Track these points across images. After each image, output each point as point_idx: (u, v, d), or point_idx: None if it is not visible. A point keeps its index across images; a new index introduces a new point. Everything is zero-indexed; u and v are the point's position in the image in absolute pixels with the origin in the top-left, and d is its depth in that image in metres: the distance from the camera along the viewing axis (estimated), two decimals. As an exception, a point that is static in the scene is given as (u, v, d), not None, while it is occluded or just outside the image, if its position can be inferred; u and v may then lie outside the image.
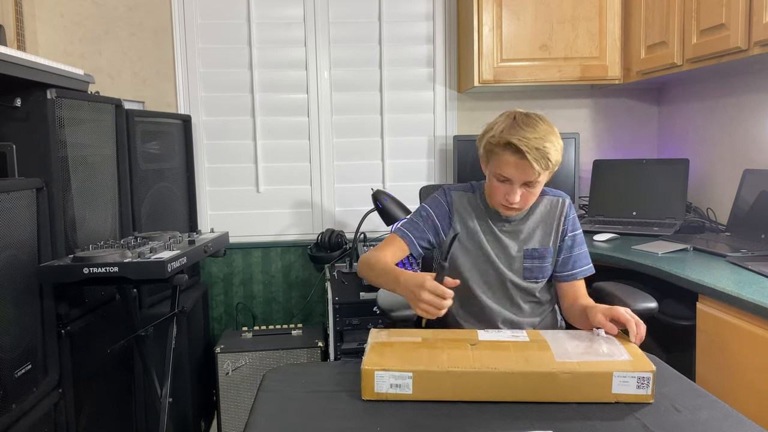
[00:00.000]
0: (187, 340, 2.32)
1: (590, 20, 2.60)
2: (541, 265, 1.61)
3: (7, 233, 1.48)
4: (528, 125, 1.47)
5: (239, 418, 2.50)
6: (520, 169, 1.47)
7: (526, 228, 1.62)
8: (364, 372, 1.17)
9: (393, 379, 1.17)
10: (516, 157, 1.46)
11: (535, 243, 1.61)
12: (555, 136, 1.49)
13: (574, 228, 1.64)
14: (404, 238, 1.60)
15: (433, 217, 1.63)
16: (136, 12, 2.77)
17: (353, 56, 2.89)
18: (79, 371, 1.78)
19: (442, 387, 1.16)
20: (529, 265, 1.61)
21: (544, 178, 1.52)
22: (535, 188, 1.52)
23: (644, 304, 1.59)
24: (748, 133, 2.37)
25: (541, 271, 1.62)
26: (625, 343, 1.27)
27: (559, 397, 1.15)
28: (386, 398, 1.17)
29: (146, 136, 2.29)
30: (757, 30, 1.81)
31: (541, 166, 1.44)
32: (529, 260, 1.61)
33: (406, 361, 1.20)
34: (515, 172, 1.48)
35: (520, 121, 1.49)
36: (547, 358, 1.20)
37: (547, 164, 1.45)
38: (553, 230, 1.62)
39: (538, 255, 1.61)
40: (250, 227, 2.91)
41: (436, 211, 1.63)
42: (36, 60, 1.63)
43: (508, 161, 1.48)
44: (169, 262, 1.59)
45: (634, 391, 1.14)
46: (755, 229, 2.11)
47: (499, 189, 1.53)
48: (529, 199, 1.54)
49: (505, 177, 1.50)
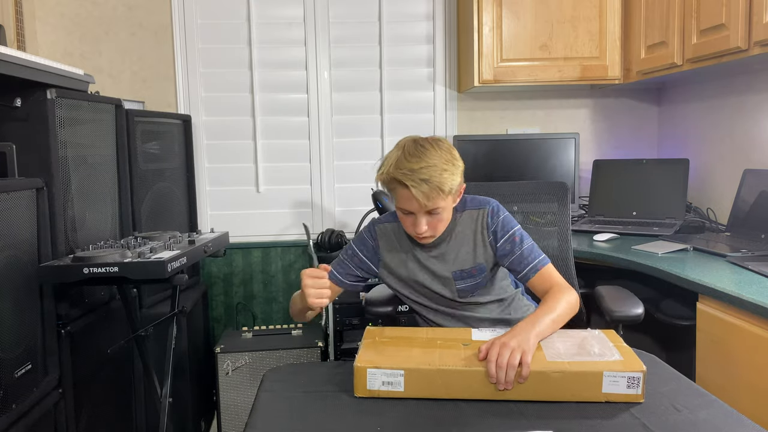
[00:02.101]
0: (187, 340, 2.33)
1: (590, 20, 2.60)
2: (475, 282, 1.56)
3: (7, 233, 1.48)
4: (414, 155, 1.42)
5: (239, 418, 2.50)
6: (413, 201, 1.43)
7: (450, 249, 1.57)
8: (356, 369, 1.19)
9: (385, 377, 1.18)
10: (408, 191, 1.42)
11: (462, 263, 1.56)
12: (446, 160, 1.44)
13: (504, 231, 1.54)
14: (332, 278, 1.58)
15: (358, 254, 1.61)
16: (136, 12, 2.77)
17: (353, 56, 2.89)
18: (79, 371, 1.78)
19: (433, 385, 1.18)
20: (462, 285, 1.57)
21: (449, 203, 1.48)
22: (442, 214, 1.47)
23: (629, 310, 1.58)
24: (748, 133, 2.37)
25: (476, 287, 1.57)
26: (617, 343, 1.28)
27: (550, 396, 1.16)
28: (378, 395, 1.18)
29: (146, 136, 2.29)
30: (757, 30, 1.81)
31: (429, 197, 1.40)
32: (461, 281, 1.56)
33: (398, 359, 1.21)
34: (411, 205, 1.44)
35: (407, 152, 1.44)
36: (538, 357, 1.21)
37: (438, 193, 1.41)
38: (479, 245, 1.56)
39: (468, 275, 1.56)
40: (250, 227, 2.91)
41: (361, 248, 1.62)
42: (36, 60, 1.63)
43: (401, 195, 1.44)
44: (169, 262, 1.58)
45: (624, 390, 1.15)
46: (755, 229, 2.11)
47: (405, 221, 1.50)
48: (439, 226, 1.50)
49: (406, 209, 1.47)
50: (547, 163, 2.78)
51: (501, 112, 2.99)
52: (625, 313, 1.57)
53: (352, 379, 1.20)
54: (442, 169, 1.42)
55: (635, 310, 1.58)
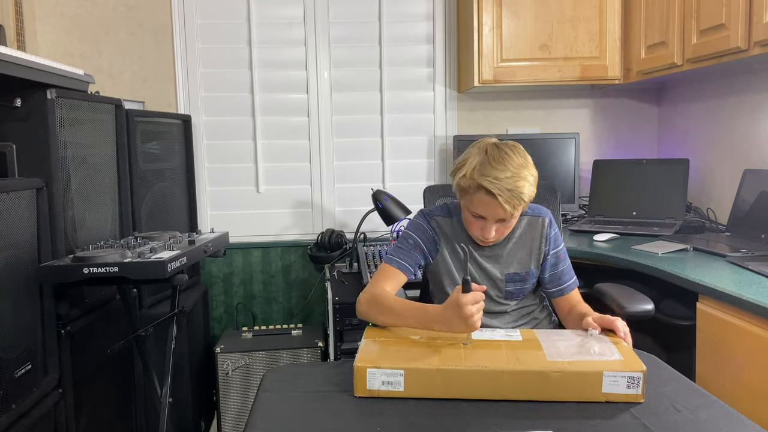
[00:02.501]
0: (187, 340, 2.32)
1: (590, 20, 2.60)
2: (523, 286, 1.62)
3: (7, 233, 1.48)
4: (500, 162, 1.43)
5: (239, 418, 2.50)
6: (493, 208, 1.45)
7: (505, 252, 1.61)
8: (356, 369, 1.19)
9: (385, 377, 1.18)
10: (488, 198, 1.43)
11: (515, 266, 1.61)
12: (528, 169, 1.46)
13: (556, 245, 1.63)
14: (400, 267, 1.56)
15: (420, 244, 1.61)
16: (136, 12, 2.77)
17: (353, 56, 2.89)
18: (79, 371, 1.78)
19: (433, 384, 1.17)
20: (512, 288, 1.61)
21: (519, 212, 1.50)
22: (511, 222, 1.51)
23: (641, 306, 1.59)
24: (748, 133, 2.37)
25: (522, 291, 1.63)
26: (617, 344, 1.28)
27: (550, 396, 1.16)
28: (378, 395, 1.18)
29: (146, 136, 2.29)
30: (757, 30, 1.81)
31: (513, 206, 1.43)
32: (511, 284, 1.61)
33: (398, 359, 1.21)
34: (488, 211, 1.46)
35: (491, 157, 1.44)
36: (538, 357, 1.21)
37: (519, 203, 1.44)
38: (534, 251, 1.61)
39: (520, 278, 1.61)
40: (250, 227, 2.91)
41: (422, 237, 1.61)
42: (36, 60, 1.63)
43: (480, 200, 1.46)
44: (169, 262, 1.59)
45: (624, 390, 1.15)
46: (755, 229, 2.11)
47: (474, 224, 1.52)
48: (505, 232, 1.54)
49: (480, 215, 1.49)
50: (547, 163, 2.78)
51: (501, 112, 2.99)
52: (637, 309, 1.58)
53: (352, 379, 1.20)
54: (525, 179, 1.44)
55: (647, 306, 1.59)
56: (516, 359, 1.20)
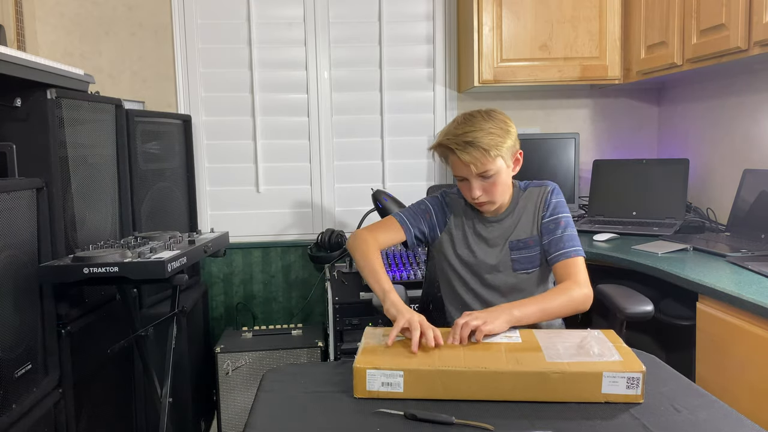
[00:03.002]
0: (187, 340, 2.32)
1: (590, 20, 2.60)
2: (529, 254, 1.62)
3: (7, 233, 1.48)
4: (462, 123, 1.50)
5: (239, 418, 2.50)
6: (462, 165, 1.49)
7: (510, 222, 1.63)
8: (356, 370, 1.18)
9: (384, 378, 1.18)
10: (454, 156, 1.49)
11: (519, 233, 1.62)
12: (493, 122, 1.49)
13: (555, 212, 1.60)
14: (402, 224, 1.63)
15: (431, 211, 1.66)
16: (136, 12, 2.77)
17: (353, 56, 2.89)
18: (79, 371, 1.78)
19: (433, 386, 1.17)
20: (517, 256, 1.62)
21: (500, 167, 1.50)
22: (494, 178, 1.51)
23: (640, 307, 1.59)
24: (748, 133, 2.37)
25: (530, 260, 1.62)
26: (616, 344, 1.28)
27: (549, 397, 1.16)
28: (378, 396, 1.18)
29: (146, 136, 2.29)
30: (757, 30, 1.81)
31: (475, 156, 1.45)
32: (516, 251, 1.62)
33: (398, 360, 1.21)
34: (461, 169, 1.51)
35: (457, 121, 1.52)
36: (537, 358, 1.21)
37: (483, 153, 1.45)
38: (535, 217, 1.62)
39: (524, 245, 1.61)
40: (250, 227, 2.91)
41: (435, 208, 1.67)
42: (36, 60, 1.63)
43: (452, 162, 1.53)
44: (169, 262, 1.59)
45: (624, 391, 1.15)
46: (755, 229, 2.11)
47: (463, 188, 1.57)
48: (495, 191, 1.53)
49: (460, 175, 1.53)
50: (547, 163, 2.78)
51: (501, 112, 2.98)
52: (636, 310, 1.57)
53: (352, 380, 1.20)
54: (487, 132, 1.46)
55: (646, 307, 1.59)
56: (515, 360, 1.20)
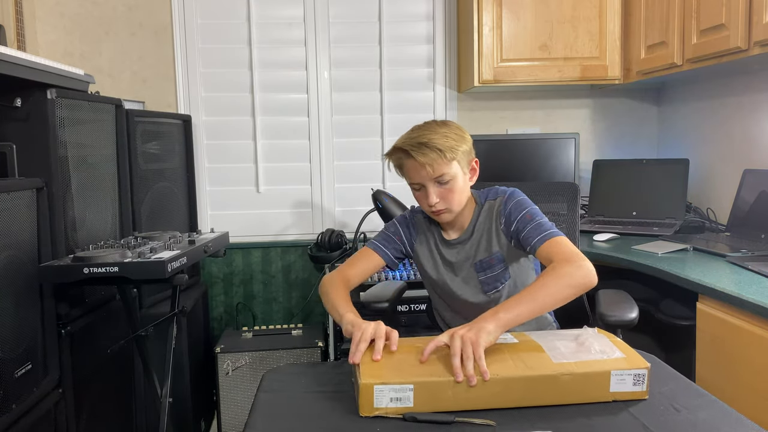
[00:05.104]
0: (187, 340, 2.32)
1: (590, 20, 2.61)
2: (494, 273, 1.56)
3: (7, 233, 1.48)
4: (419, 128, 1.49)
5: (239, 418, 2.50)
6: (417, 168, 1.46)
7: (471, 243, 1.58)
8: (363, 387, 1.09)
9: (393, 393, 1.10)
10: (409, 159, 1.46)
11: (481, 254, 1.56)
12: (447, 128, 1.47)
13: (518, 212, 1.50)
14: (376, 249, 1.61)
15: (400, 233, 1.65)
16: (136, 12, 2.77)
17: (353, 56, 2.89)
18: (79, 371, 1.78)
19: (443, 397, 1.11)
20: (483, 277, 1.56)
21: (456, 171, 1.47)
22: (451, 184, 1.47)
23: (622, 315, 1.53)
24: (748, 133, 2.37)
25: (496, 278, 1.56)
26: (614, 340, 1.26)
27: (558, 400, 1.13)
28: (386, 413, 1.10)
29: (146, 136, 2.29)
30: (757, 30, 1.81)
31: (432, 158, 1.42)
32: (482, 273, 1.56)
33: (405, 373, 1.13)
34: (416, 174, 1.47)
35: (413, 127, 1.51)
36: (544, 360, 1.17)
37: (439, 155, 1.42)
38: (494, 233, 1.55)
39: (487, 265, 1.55)
40: (250, 227, 2.91)
41: (402, 228, 1.65)
42: (36, 60, 1.63)
43: (407, 166, 1.49)
44: (169, 262, 1.58)
45: (630, 388, 1.14)
46: (755, 229, 2.11)
47: (419, 197, 1.53)
48: (452, 198, 1.48)
49: (415, 182, 1.49)
50: (547, 163, 2.78)
51: (501, 112, 2.99)
52: (619, 318, 1.54)
53: (352, 379, 1.19)
54: (442, 135, 1.45)
55: (629, 315, 1.54)
56: (524, 364, 1.15)
